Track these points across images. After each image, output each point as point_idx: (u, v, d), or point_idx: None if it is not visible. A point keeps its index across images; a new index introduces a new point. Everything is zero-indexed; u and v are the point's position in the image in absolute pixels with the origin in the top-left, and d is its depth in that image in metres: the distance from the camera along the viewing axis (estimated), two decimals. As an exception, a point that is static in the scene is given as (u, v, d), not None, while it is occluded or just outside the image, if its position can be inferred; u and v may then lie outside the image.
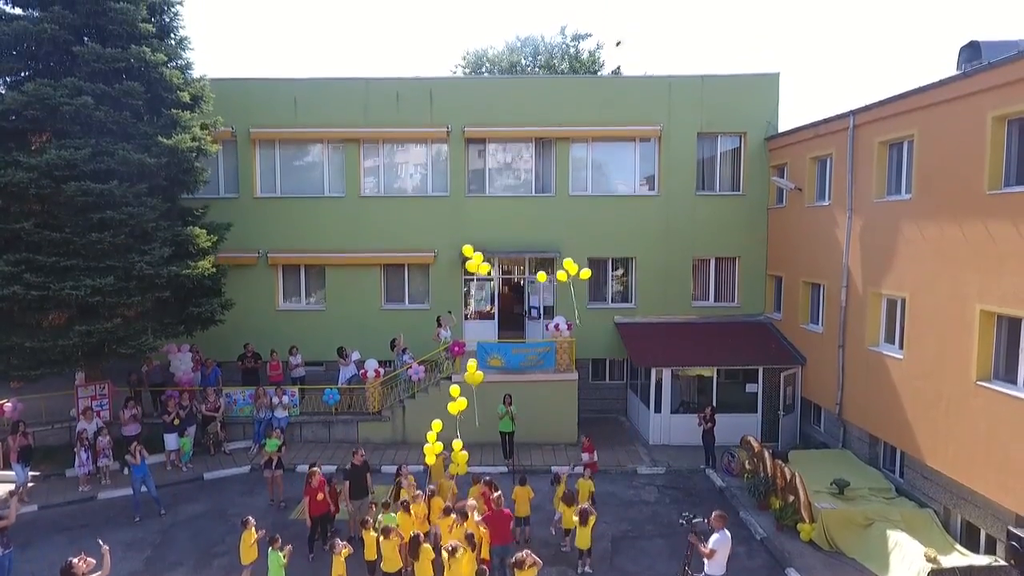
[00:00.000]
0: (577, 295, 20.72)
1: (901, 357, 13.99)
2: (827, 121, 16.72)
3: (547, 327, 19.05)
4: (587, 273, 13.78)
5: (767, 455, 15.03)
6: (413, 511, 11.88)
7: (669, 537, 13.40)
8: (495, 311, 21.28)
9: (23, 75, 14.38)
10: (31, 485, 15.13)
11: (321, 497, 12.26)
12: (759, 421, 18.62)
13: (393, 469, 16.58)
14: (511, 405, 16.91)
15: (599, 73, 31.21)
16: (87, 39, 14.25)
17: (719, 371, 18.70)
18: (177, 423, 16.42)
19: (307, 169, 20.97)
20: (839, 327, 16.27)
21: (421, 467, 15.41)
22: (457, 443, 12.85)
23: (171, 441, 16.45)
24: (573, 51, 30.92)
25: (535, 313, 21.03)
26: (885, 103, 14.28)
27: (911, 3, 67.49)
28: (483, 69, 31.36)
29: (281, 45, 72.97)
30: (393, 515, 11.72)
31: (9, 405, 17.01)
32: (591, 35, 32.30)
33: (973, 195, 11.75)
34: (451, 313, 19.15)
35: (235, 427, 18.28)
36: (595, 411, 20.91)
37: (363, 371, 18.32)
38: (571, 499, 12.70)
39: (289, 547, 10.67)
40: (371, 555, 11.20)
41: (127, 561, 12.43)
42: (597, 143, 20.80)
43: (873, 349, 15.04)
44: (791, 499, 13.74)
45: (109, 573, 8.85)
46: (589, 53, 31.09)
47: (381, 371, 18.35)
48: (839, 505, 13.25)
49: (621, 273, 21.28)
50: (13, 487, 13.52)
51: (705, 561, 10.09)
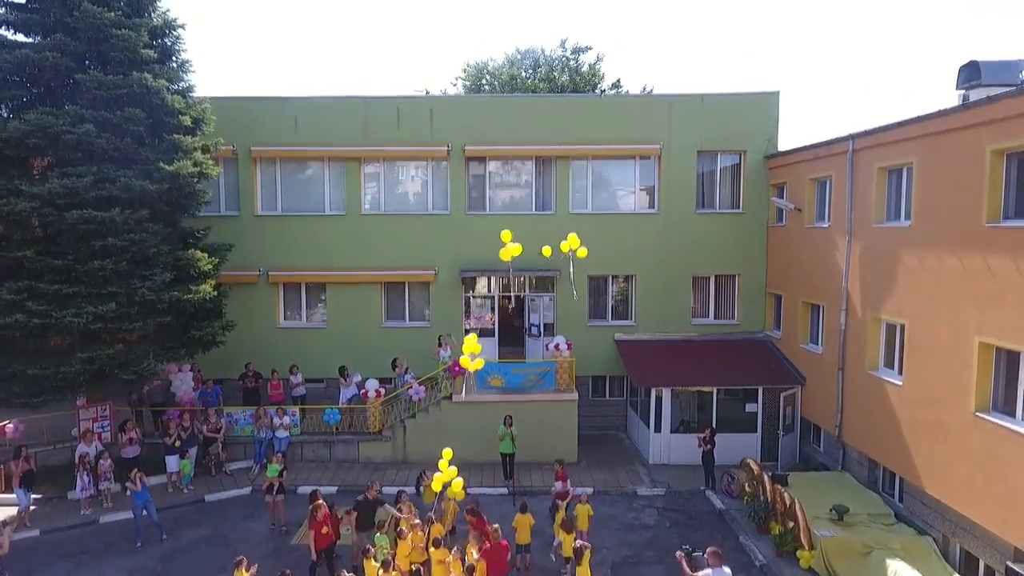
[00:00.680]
0: (577, 312, 20.92)
1: (900, 383, 14.02)
2: (827, 144, 16.77)
3: (547, 347, 19.11)
4: (583, 252, 13.53)
5: (767, 479, 15.07)
6: (411, 540, 11.91)
7: (670, 564, 13.43)
8: (495, 328, 21.30)
9: (25, 100, 14.40)
10: (33, 508, 15.18)
11: (326, 531, 12.28)
12: (759, 440, 18.66)
13: (395, 489, 16.72)
14: (512, 426, 16.96)
15: (599, 86, 31.32)
16: (89, 65, 14.27)
17: (719, 389, 18.74)
18: (178, 445, 16.47)
19: (308, 187, 21.01)
20: (839, 349, 16.31)
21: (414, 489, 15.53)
22: (444, 462, 12.42)
23: (172, 463, 16.49)
24: (574, 64, 30.97)
25: (535, 331, 21.08)
26: (884, 130, 14.33)
27: (913, 20, 67.61)
28: (483, 81, 31.43)
29: (282, 58, 73.05)
30: (385, 536, 11.85)
31: (11, 426, 17.07)
32: (591, 48, 32.41)
33: (972, 227, 11.78)
34: (451, 336, 19.22)
35: (236, 447, 18.32)
36: (595, 428, 20.96)
37: (364, 391, 18.38)
38: (570, 526, 12.76)
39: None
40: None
41: (129, 589, 12.48)
42: (597, 161, 20.85)
43: (873, 373, 15.08)
44: (791, 525, 13.78)
45: None
46: (589, 66, 31.14)
47: (382, 391, 18.40)
48: (838, 532, 13.28)
49: (621, 290, 21.32)
50: (5, 517, 13.53)
51: None
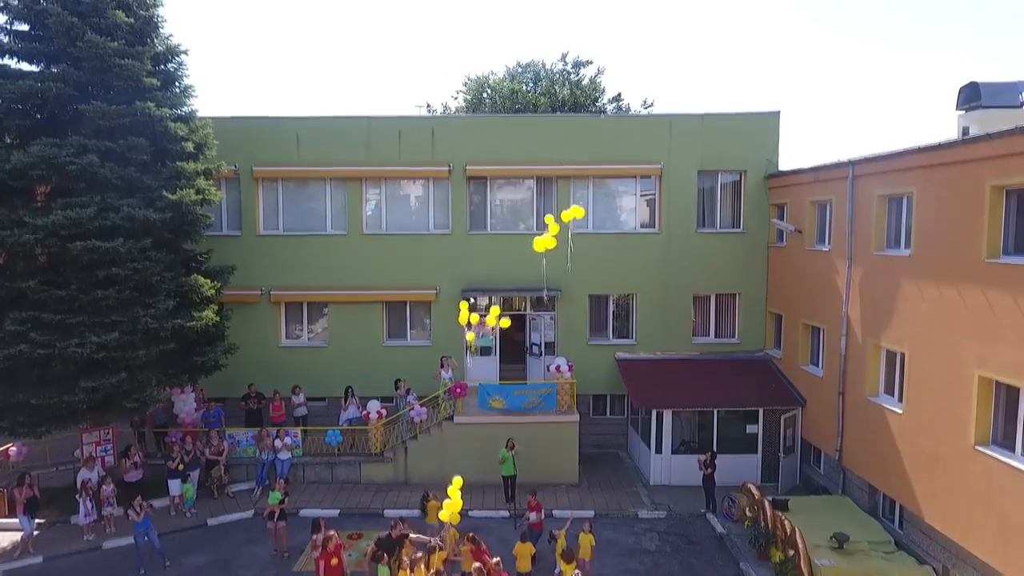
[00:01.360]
0: (578, 331, 20.98)
1: (901, 411, 14.07)
2: (826, 168, 16.82)
3: (548, 368, 19.17)
4: (581, 212, 12.50)
5: (767, 505, 15.12)
6: (417, 574, 11.97)
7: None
8: (496, 347, 21.34)
9: (29, 129, 14.45)
10: (36, 533, 15.24)
11: (336, 562, 12.28)
12: (759, 462, 18.71)
13: (396, 512, 16.80)
14: (513, 449, 17.01)
15: (600, 99, 31.36)
16: (92, 95, 14.32)
17: (720, 410, 18.77)
18: (181, 468, 16.54)
19: (310, 206, 21.06)
20: (839, 374, 16.35)
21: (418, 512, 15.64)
22: (454, 490, 12.10)
23: (175, 487, 16.55)
24: (574, 78, 31.01)
25: (536, 350, 21.14)
26: (883, 158, 14.37)
27: (915, 42, 67.65)
28: (484, 95, 31.49)
29: (284, 70, 73.22)
30: (386, 567, 11.92)
31: (14, 449, 17.16)
32: (591, 62, 32.42)
33: (971, 261, 11.83)
34: (452, 358, 19.30)
35: (238, 468, 18.38)
36: (596, 446, 21.02)
37: (365, 412, 18.44)
38: (570, 556, 12.79)
39: None
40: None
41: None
42: (598, 180, 20.89)
43: (873, 400, 15.12)
44: (791, 553, 13.82)
45: None
46: (590, 79, 31.19)
47: (383, 412, 18.46)
48: (838, 561, 13.33)
49: (621, 309, 21.37)
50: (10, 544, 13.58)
51: None
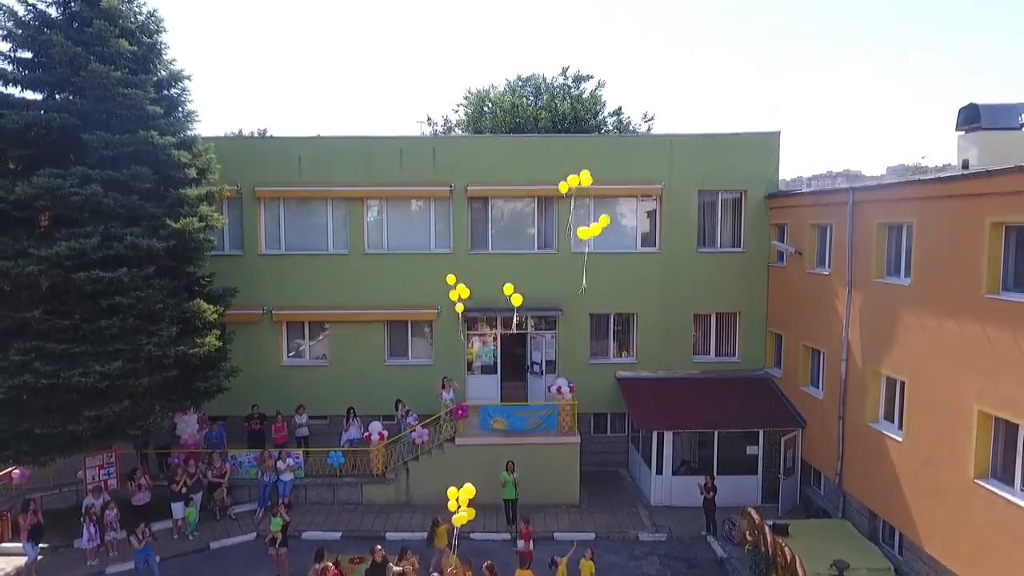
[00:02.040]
0: (579, 350, 21.05)
1: (901, 439, 14.13)
2: (827, 192, 16.91)
3: (549, 389, 19.24)
4: (588, 180, 11.12)
5: (768, 530, 15.16)
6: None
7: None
8: (497, 366, 21.41)
9: (32, 158, 14.50)
10: (40, 559, 15.30)
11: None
12: (759, 483, 18.79)
13: (398, 536, 16.89)
14: (514, 472, 17.07)
15: (600, 113, 31.43)
16: (95, 124, 14.36)
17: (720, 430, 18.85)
18: (184, 491, 16.61)
19: (311, 226, 21.12)
20: (839, 398, 16.42)
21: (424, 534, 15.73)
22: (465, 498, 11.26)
23: (178, 510, 16.63)
24: (575, 92, 31.07)
25: (537, 368, 21.20)
26: (883, 187, 14.45)
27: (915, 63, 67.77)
28: (485, 108, 31.55)
29: (285, 83, 73.38)
30: None
31: (17, 472, 17.21)
32: (592, 77, 32.50)
33: (971, 295, 11.88)
34: (454, 381, 19.36)
35: (240, 489, 18.44)
36: (596, 464, 21.06)
37: (367, 433, 18.51)
38: (571, 583, 12.88)
39: None
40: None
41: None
42: (599, 200, 20.94)
43: (873, 426, 15.19)
44: (791, 580, 13.89)
45: None
46: (591, 93, 31.24)
47: (385, 434, 18.52)
48: (839, 590, 13.41)
49: (622, 328, 21.44)
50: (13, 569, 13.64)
51: None
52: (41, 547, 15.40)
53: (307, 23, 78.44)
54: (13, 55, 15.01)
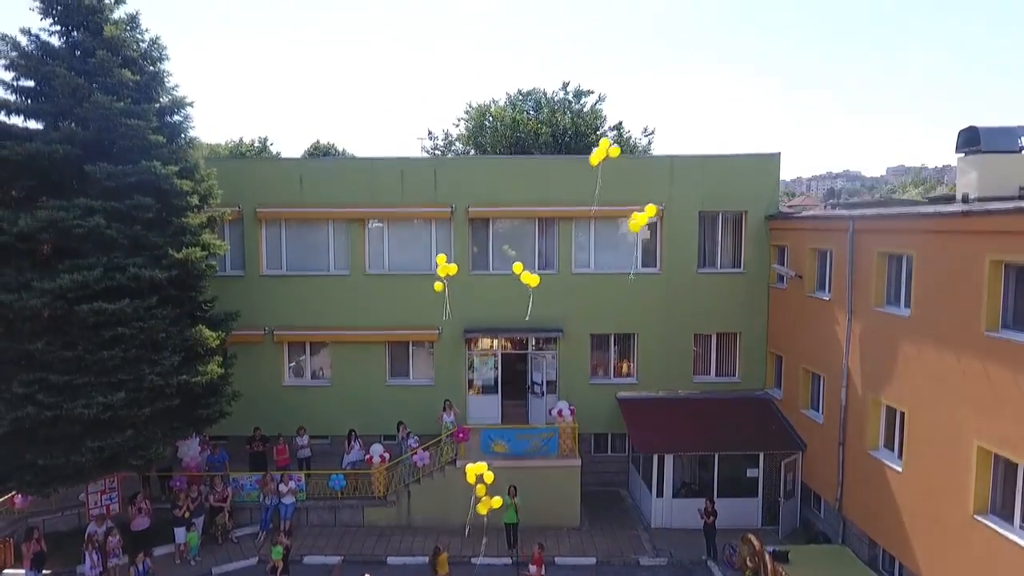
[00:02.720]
0: (580, 370, 21.11)
1: (900, 469, 14.17)
2: (827, 218, 16.94)
3: (550, 412, 19.28)
4: (616, 151, 11.57)
5: (768, 557, 15.22)
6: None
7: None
8: (498, 386, 21.45)
9: (34, 189, 14.54)
10: (43, 586, 15.35)
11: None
12: (759, 505, 18.83)
13: (399, 561, 16.97)
14: (515, 496, 17.11)
15: (601, 128, 31.46)
16: (98, 154, 14.41)
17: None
18: (187, 516, 16.66)
19: (312, 247, 21.17)
20: (839, 424, 16.45)
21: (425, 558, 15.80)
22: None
23: (180, 534, 16.67)
24: (576, 107, 31.13)
25: (537, 389, 21.24)
26: (883, 218, 14.47)
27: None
28: (485, 122, 31.60)
29: (289, 95, 73.31)
30: None
31: (19, 497, 17.24)
32: (592, 91, 32.56)
33: (970, 331, 11.91)
34: (455, 407, 19.40)
35: (242, 512, 18.47)
36: (597, 484, 21.10)
37: (368, 456, 18.56)
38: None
39: None
40: None
41: None
42: (599, 221, 20.99)
43: (873, 454, 15.23)
44: (792, 610, 13.95)
45: None
46: (591, 108, 31.31)
47: (387, 456, 18.57)
48: (839, 621, 13.46)
49: (623, 348, 21.48)
50: None
51: None
52: (44, 574, 15.45)
53: (311, 35, 78.40)
54: (16, 84, 15.05)
